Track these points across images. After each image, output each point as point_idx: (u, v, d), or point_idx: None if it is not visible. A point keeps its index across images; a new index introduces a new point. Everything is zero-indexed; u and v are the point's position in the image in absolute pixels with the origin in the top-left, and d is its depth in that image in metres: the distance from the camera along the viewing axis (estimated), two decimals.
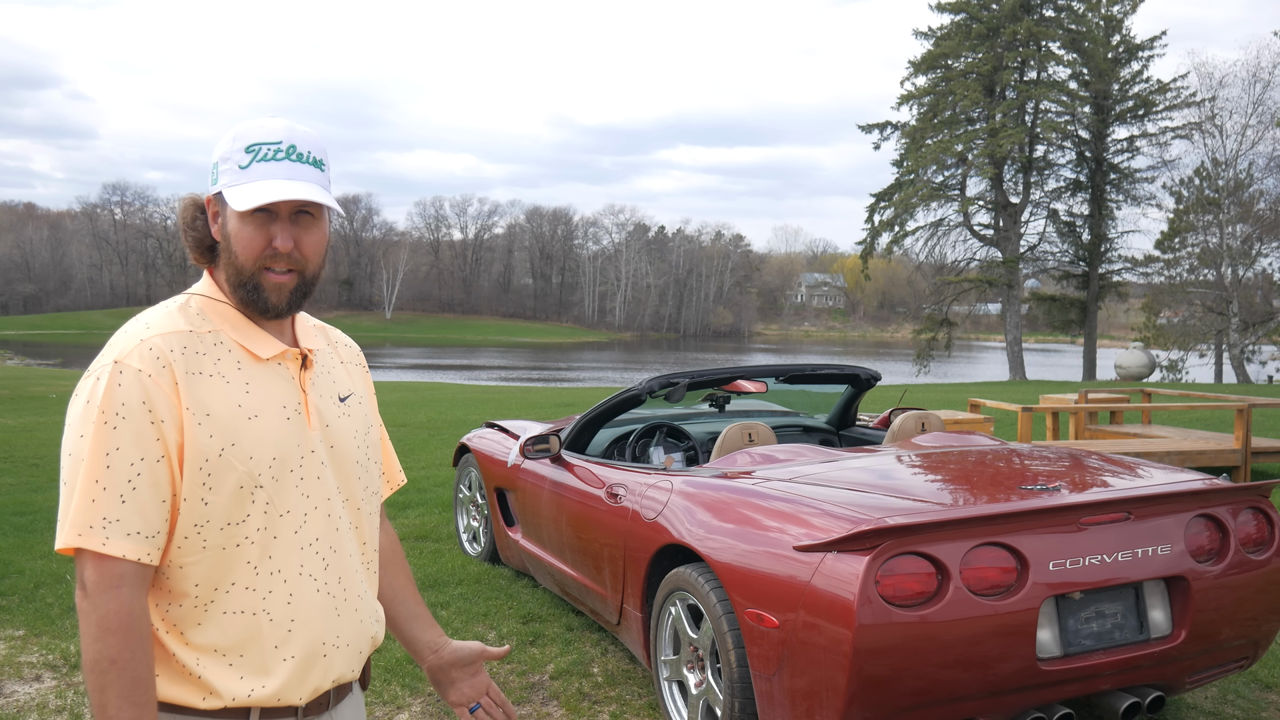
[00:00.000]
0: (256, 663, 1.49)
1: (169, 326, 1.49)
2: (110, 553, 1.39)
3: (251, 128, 1.53)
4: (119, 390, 1.42)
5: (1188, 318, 32.59)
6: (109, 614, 1.39)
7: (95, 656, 1.39)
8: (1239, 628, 3.16)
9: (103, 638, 1.39)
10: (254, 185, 1.48)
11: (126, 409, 1.41)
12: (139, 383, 1.42)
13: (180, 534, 1.45)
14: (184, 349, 1.47)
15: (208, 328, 1.52)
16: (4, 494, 7.67)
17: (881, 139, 34.45)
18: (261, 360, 1.54)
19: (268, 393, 1.53)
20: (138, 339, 1.46)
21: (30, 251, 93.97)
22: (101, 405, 1.41)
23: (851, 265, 73.75)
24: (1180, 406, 10.34)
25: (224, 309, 1.55)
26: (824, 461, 3.65)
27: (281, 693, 1.50)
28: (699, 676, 3.33)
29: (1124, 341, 39.92)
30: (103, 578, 1.39)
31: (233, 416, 1.48)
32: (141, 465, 1.41)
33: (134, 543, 1.40)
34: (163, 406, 1.43)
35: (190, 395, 1.45)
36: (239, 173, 1.50)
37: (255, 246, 1.50)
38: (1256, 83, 29.22)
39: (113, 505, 1.39)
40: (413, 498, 7.52)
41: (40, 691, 3.81)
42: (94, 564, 1.39)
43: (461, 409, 15.78)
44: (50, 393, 18.47)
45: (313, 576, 1.55)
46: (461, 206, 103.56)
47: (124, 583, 1.40)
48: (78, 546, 1.39)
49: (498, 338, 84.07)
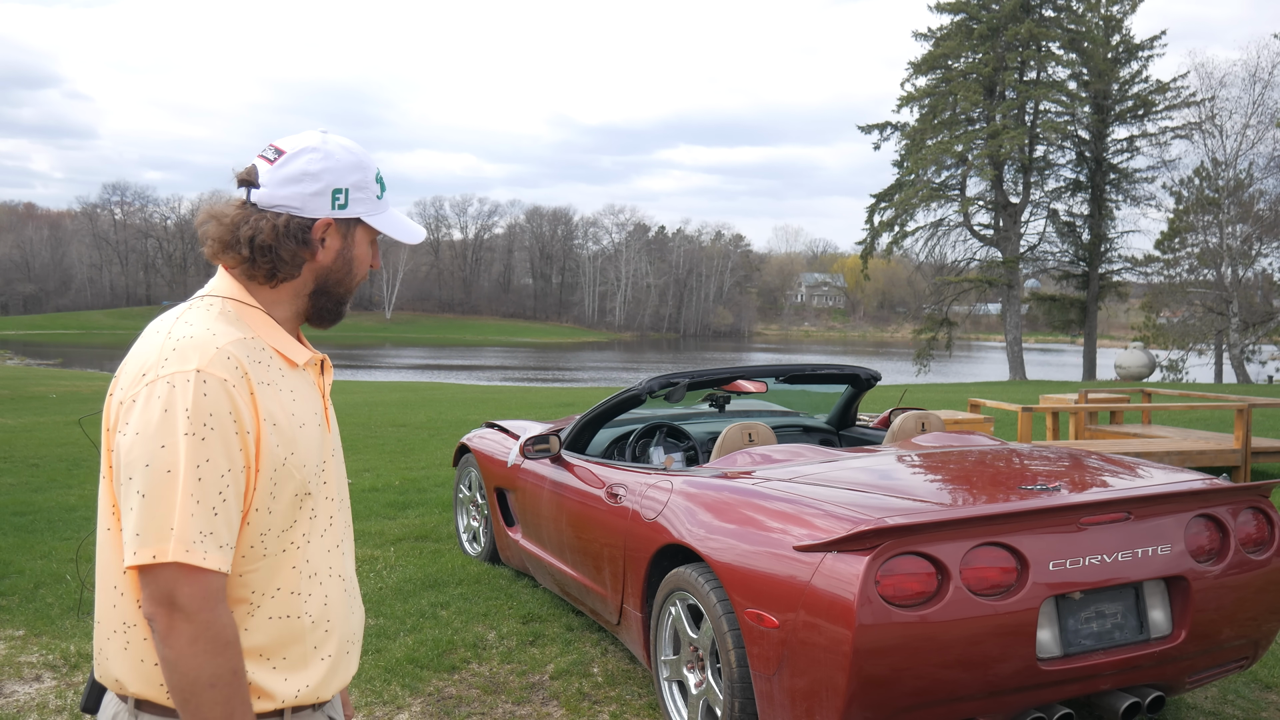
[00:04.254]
0: (299, 664, 1.51)
1: (234, 334, 1.48)
2: (210, 567, 1.38)
3: (364, 156, 1.60)
4: (205, 400, 1.39)
5: (1188, 318, 32.59)
6: (224, 627, 1.39)
7: (217, 671, 1.38)
8: (1239, 628, 3.16)
9: (223, 651, 1.39)
10: (396, 218, 1.64)
11: (215, 419, 1.39)
12: (225, 392, 1.41)
13: (245, 543, 1.46)
14: (249, 357, 1.47)
15: (250, 334, 1.52)
16: (4, 494, 7.67)
17: (882, 139, 34.46)
18: (296, 367, 1.56)
19: (306, 400, 1.56)
20: (213, 347, 1.43)
21: (30, 251, 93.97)
22: (190, 414, 1.38)
23: (851, 265, 73.74)
24: (1180, 406, 10.34)
25: (257, 314, 1.55)
26: (824, 461, 3.65)
27: (320, 690, 1.54)
28: (699, 676, 3.33)
29: (1124, 341, 39.89)
30: (208, 593, 1.38)
31: (289, 425, 1.49)
32: (230, 477, 1.40)
33: (225, 554, 1.40)
34: (247, 416, 1.43)
35: (263, 404, 1.46)
36: (378, 202, 1.62)
37: (367, 266, 1.64)
38: (1256, 83, 29.25)
39: (208, 519, 1.38)
40: (413, 498, 7.52)
41: (40, 691, 3.81)
42: (194, 579, 1.37)
43: (461, 409, 15.79)
44: (50, 393, 18.47)
45: (341, 576, 1.61)
46: (461, 206, 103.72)
47: (223, 596, 1.41)
48: (181, 562, 1.36)
49: (498, 338, 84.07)
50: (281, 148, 1.56)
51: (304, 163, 1.53)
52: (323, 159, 1.54)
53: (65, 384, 22.11)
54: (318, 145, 1.55)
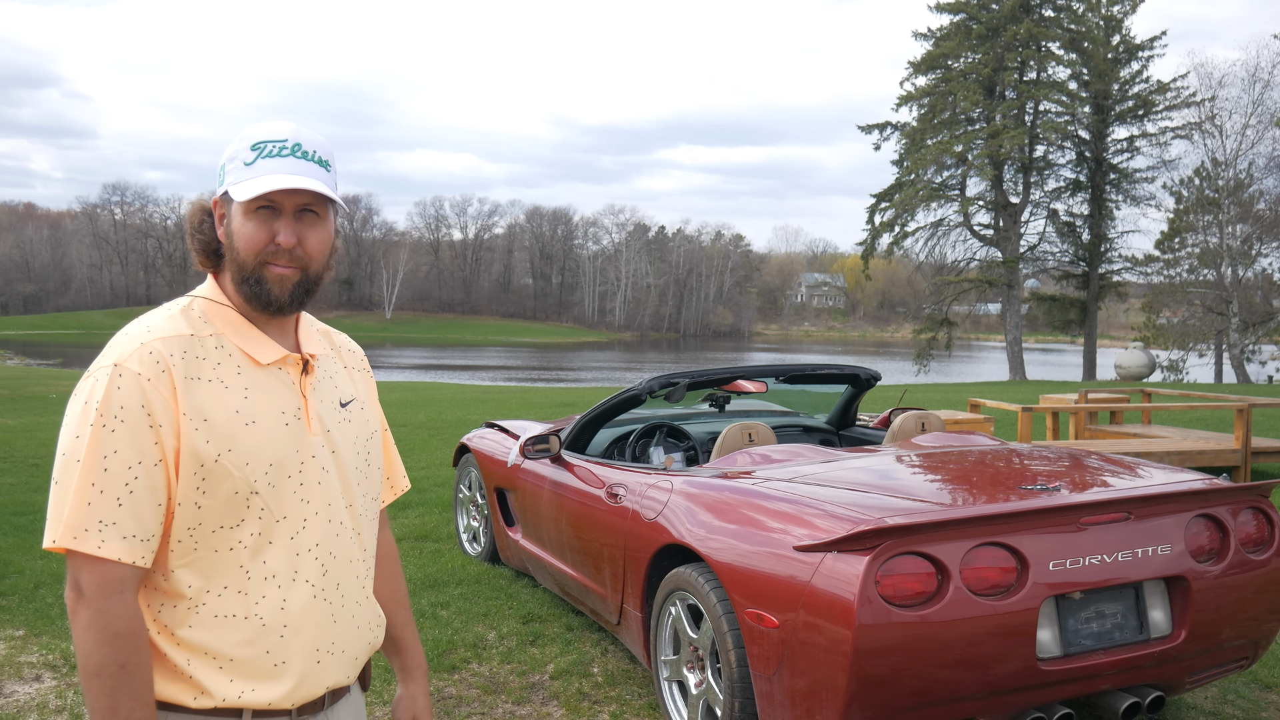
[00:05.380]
0: (247, 667, 1.48)
1: (170, 330, 1.49)
2: (106, 556, 1.38)
3: (258, 129, 1.54)
4: (118, 393, 1.41)
5: (1188, 318, 32.58)
6: (115, 618, 1.39)
7: (103, 661, 1.38)
8: (1239, 628, 3.16)
9: (111, 642, 1.38)
10: (258, 179, 1.49)
11: (125, 412, 1.41)
12: (138, 386, 1.42)
13: (174, 537, 1.46)
14: (184, 353, 1.47)
15: (209, 331, 1.52)
16: (4, 494, 7.67)
17: (882, 139, 34.47)
18: (261, 365, 1.54)
19: (267, 399, 1.53)
20: (138, 342, 1.46)
21: (30, 251, 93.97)
22: (100, 407, 1.41)
23: (851, 265, 73.80)
24: (1180, 406, 10.34)
25: (227, 312, 1.55)
26: (824, 461, 3.65)
27: (273, 698, 1.50)
28: (699, 676, 3.33)
29: (1124, 341, 39.91)
30: (105, 582, 1.39)
31: (229, 422, 1.47)
32: (139, 469, 1.41)
33: (129, 545, 1.40)
34: (161, 411, 1.43)
35: (188, 400, 1.45)
36: (244, 169, 1.51)
37: (258, 241, 1.50)
38: (1256, 82, 29.24)
39: (109, 508, 1.39)
40: (413, 498, 7.52)
41: (40, 691, 3.81)
42: (92, 568, 1.39)
43: (461, 409, 15.79)
44: (50, 393, 18.47)
45: (309, 582, 1.54)
46: (461, 206, 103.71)
47: (125, 586, 1.40)
48: (71, 549, 1.38)
49: (498, 338, 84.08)
50: None
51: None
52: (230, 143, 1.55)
53: (65, 384, 22.11)
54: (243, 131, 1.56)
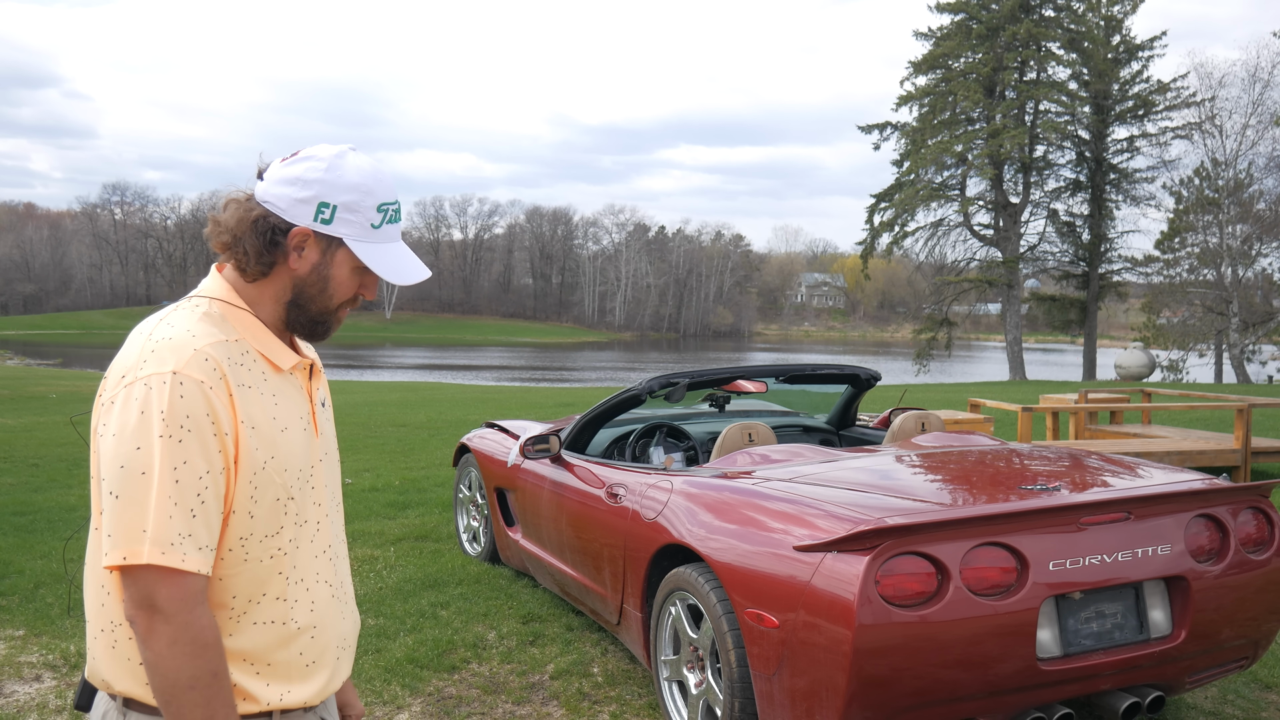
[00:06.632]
0: (284, 670, 1.52)
1: (214, 335, 1.47)
2: (189, 569, 1.38)
3: (374, 181, 1.55)
4: (181, 402, 1.39)
5: (1188, 318, 32.57)
6: (202, 629, 1.39)
7: (196, 674, 1.38)
8: (1239, 628, 3.16)
9: (201, 654, 1.39)
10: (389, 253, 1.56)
11: (191, 420, 1.39)
12: (201, 394, 1.40)
13: (225, 546, 1.46)
14: (228, 359, 1.47)
15: (234, 336, 1.51)
16: (4, 494, 7.67)
17: (882, 139, 34.46)
18: (280, 371, 1.56)
19: (290, 404, 1.55)
20: (191, 349, 1.43)
21: (30, 251, 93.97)
22: (165, 417, 1.38)
23: (851, 265, 73.77)
24: (1180, 406, 10.34)
25: (245, 316, 1.54)
26: (824, 461, 3.65)
27: (307, 696, 1.55)
28: (699, 676, 3.33)
29: (1124, 341, 39.92)
30: (186, 595, 1.38)
31: (270, 428, 1.49)
32: (208, 478, 1.40)
33: (204, 556, 1.40)
34: (224, 418, 1.42)
35: (242, 407, 1.46)
36: (371, 231, 1.55)
37: (349, 291, 1.58)
38: (1256, 82, 29.23)
39: (186, 520, 1.38)
40: (413, 498, 7.53)
41: (40, 691, 3.80)
42: (174, 582, 1.37)
43: (461, 409, 15.79)
44: (50, 393, 18.47)
45: (327, 582, 1.60)
46: (461, 206, 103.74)
47: (203, 598, 1.41)
48: (157, 564, 1.36)
49: (498, 338, 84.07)
50: (300, 152, 1.57)
51: (303, 169, 1.52)
52: (324, 170, 1.52)
53: (65, 384, 22.12)
54: (325, 156, 1.53)
